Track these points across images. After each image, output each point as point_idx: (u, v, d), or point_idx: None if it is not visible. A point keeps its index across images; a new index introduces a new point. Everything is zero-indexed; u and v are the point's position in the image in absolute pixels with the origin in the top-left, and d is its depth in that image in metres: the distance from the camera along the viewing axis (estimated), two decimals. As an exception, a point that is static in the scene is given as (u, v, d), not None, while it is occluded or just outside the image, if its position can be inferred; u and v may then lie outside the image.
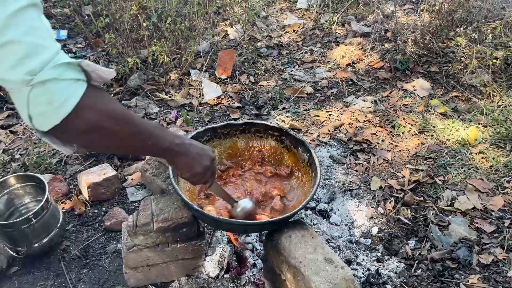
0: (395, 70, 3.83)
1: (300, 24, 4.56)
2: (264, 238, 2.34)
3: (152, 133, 1.34)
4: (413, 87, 3.65)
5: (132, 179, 2.81)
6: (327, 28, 4.45)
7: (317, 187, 1.99)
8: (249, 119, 2.79)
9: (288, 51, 4.22)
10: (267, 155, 2.37)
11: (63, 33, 4.41)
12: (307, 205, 2.34)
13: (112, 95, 3.51)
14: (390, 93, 3.61)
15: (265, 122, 2.35)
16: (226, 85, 3.73)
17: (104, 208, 2.64)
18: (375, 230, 2.53)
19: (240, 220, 1.84)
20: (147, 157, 2.65)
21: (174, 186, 1.92)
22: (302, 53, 4.17)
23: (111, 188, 2.68)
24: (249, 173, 2.31)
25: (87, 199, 2.65)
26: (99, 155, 2.98)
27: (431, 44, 3.86)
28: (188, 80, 3.74)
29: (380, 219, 2.60)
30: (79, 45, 4.28)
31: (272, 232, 2.00)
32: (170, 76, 3.73)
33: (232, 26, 4.37)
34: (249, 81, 3.79)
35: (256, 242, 2.36)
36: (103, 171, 2.69)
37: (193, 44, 3.58)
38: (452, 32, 3.81)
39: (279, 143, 2.36)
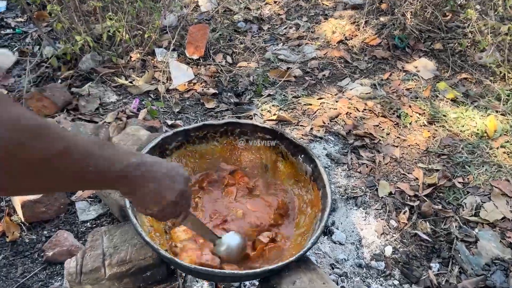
0: (393, 48, 3.32)
1: (282, -6, 3.98)
2: (257, 284, 1.84)
3: (93, 153, 0.83)
4: (416, 67, 3.15)
5: (82, 191, 2.22)
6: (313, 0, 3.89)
7: (328, 214, 1.47)
8: (232, 117, 2.23)
9: (269, 26, 3.63)
10: (252, 166, 1.84)
11: (1, 5, 3.68)
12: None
13: (60, 80, 2.87)
14: (390, 75, 3.10)
15: (253, 122, 1.80)
16: (199, 67, 3.14)
17: (45, 232, 2.06)
18: (388, 250, 2.06)
19: (230, 271, 1.31)
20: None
21: (132, 220, 1.37)
22: (286, 28, 3.59)
23: (55, 205, 2.09)
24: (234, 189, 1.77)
25: (23, 220, 2.06)
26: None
27: (434, 17, 3.36)
28: (152, 62, 3.13)
29: (394, 235, 2.13)
30: (20, 19, 3.57)
31: (268, 277, 1.49)
32: (130, 57, 3.10)
33: (203, -4, 3.74)
34: (226, 61, 3.21)
35: (244, 286, 1.84)
36: (44, 184, 2.09)
37: (157, 17, 2.95)
38: (459, 1, 3.30)
39: (272, 148, 1.82)
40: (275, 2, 3.90)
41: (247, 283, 1.81)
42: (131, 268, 1.49)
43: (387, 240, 2.11)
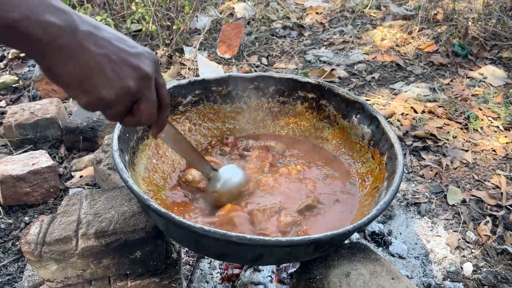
0: (453, 55, 2.89)
1: (325, 7, 3.67)
2: (289, 275, 1.35)
3: None
4: (482, 75, 2.70)
5: (81, 176, 1.82)
6: (359, 10, 3.56)
7: (400, 176, 1.01)
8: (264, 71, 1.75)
9: (311, 33, 3.30)
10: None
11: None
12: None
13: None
14: (452, 80, 2.65)
15: (292, 76, 1.39)
16: (230, 66, 2.80)
17: (26, 218, 1.65)
18: (468, 268, 1.52)
19: (252, 236, 0.84)
20: (104, 143, 1.69)
21: (115, 160, 0.95)
22: (329, 34, 3.24)
23: (43, 187, 1.70)
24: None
25: (1, 201, 1.66)
26: (38, 142, 2.01)
27: (501, 24, 2.94)
28: (180, 59, 2.81)
29: (473, 251, 1.60)
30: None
31: (308, 264, 1.02)
32: (156, 53, 2.80)
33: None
34: (261, 63, 2.85)
35: (271, 282, 1.35)
36: (33, 160, 1.71)
37: (188, 8, 2.67)
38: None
39: (316, 112, 1.39)
40: (317, 13, 3.60)
41: (272, 279, 1.32)
42: (113, 241, 1.05)
43: (464, 256, 1.58)
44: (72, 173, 1.86)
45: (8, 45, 0.63)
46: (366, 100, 2.46)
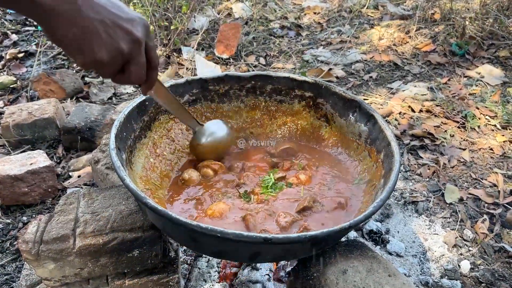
0: (451, 54, 2.90)
1: (323, 7, 3.68)
2: (287, 274, 1.36)
3: None
4: (479, 74, 2.71)
5: (78, 176, 1.83)
6: (357, 10, 3.56)
7: (397, 174, 1.01)
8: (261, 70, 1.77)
9: (308, 33, 3.30)
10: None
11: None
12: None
13: (75, 71, 2.58)
14: (449, 80, 2.66)
15: (289, 75, 1.39)
16: (228, 66, 2.81)
17: (24, 218, 1.65)
18: (465, 266, 1.53)
19: (248, 233, 0.84)
20: (102, 142, 1.69)
21: (112, 158, 0.95)
22: (327, 33, 3.25)
23: (41, 187, 1.70)
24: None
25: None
26: (36, 143, 2.01)
27: (498, 23, 2.95)
28: (178, 59, 2.82)
29: (470, 249, 1.60)
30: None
31: (305, 261, 1.02)
32: (154, 53, 2.79)
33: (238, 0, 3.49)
34: (259, 63, 2.86)
35: (269, 280, 1.36)
36: (31, 160, 1.71)
37: (186, 9, 2.67)
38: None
39: (313, 111, 1.40)
40: (314, 13, 3.60)
41: (270, 277, 1.32)
42: (111, 240, 1.05)
43: (461, 254, 1.59)
44: (70, 173, 1.86)
45: (16, 8, 0.70)
46: (364, 99, 2.46)
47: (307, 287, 0.98)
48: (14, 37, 3.05)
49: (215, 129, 1.24)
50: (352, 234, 1.63)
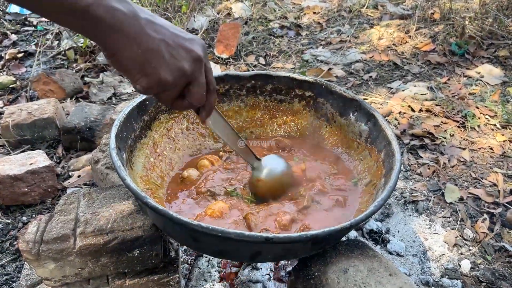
0: (450, 54, 2.90)
1: (322, 6, 3.68)
2: (287, 273, 1.36)
3: None
4: (479, 73, 2.71)
5: (78, 176, 1.82)
6: (356, 10, 3.56)
7: (398, 173, 1.01)
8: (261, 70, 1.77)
9: (308, 32, 3.30)
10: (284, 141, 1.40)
11: (28, 8, 3.52)
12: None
13: (75, 71, 2.57)
14: (449, 79, 2.66)
15: (290, 75, 1.39)
16: (228, 66, 2.80)
17: (24, 218, 1.65)
18: (466, 266, 1.53)
19: (249, 232, 0.84)
20: (102, 142, 1.69)
21: (113, 158, 0.95)
22: (327, 33, 3.25)
23: (41, 187, 1.70)
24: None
25: (-1, 201, 1.66)
26: (36, 143, 2.01)
27: (498, 23, 2.95)
28: (177, 59, 2.81)
29: (470, 248, 1.60)
30: (44, 19, 3.38)
31: (306, 261, 1.02)
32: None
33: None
34: (258, 63, 2.86)
35: (269, 280, 1.35)
36: (31, 160, 1.71)
37: (186, 8, 2.67)
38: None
39: (313, 110, 1.39)
40: (314, 12, 3.60)
41: (271, 277, 1.32)
42: (111, 240, 1.05)
43: (461, 253, 1.59)
44: (70, 173, 1.86)
45: (78, 30, 0.69)
46: (364, 99, 2.46)
47: (308, 286, 0.98)
48: (14, 37, 3.05)
49: (274, 164, 1.15)
50: (353, 234, 1.63)
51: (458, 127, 2.21)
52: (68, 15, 0.65)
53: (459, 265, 1.54)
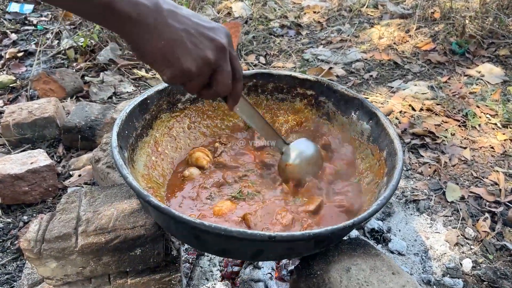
0: (451, 53, 2.90)
1: (322, 6, 3.68)
2: (289, 273, 1.36)
3: None
4: (479, 72, 2.71)
5: (79, 175, 1.82)
6: (356, 9, 3.56)
7: (400, 171, 1.01)
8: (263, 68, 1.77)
9: (308, 32, 3.30)
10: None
11: (28, 7, 3.52)
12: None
13: (75, 70, 2.57)
14: (449, 78, 2.66)
15: (291, 73, 1.39)
16: (228, 65, 2.79)
17: (25, 217, 1.65)
18: (467, 264, 1.53)
19: (252, 231, 0.84)
20: (103, 141, 1.69)
21: (115, 156, 0.95)
22: (327, 32, 3.25)
23: (41, 186, 1.69)
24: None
25: (0, 200, 1.66)
26: (36, 142, 2.00)
27: (498, 22, 2.95)
28: (178, 58, 2.80)
29: (472, 247, 1.60)
30: (44, 18, 3.38)
31: (308, 260, 1.02)
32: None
33: None
34: (259, 62, 2.85)
35: (271, 279, 1.35)
36: (31, 159, 1.71)
37: (186, 7, 2.66)
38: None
39: (315, 109, 1.39)
40: (314, 12, 3.60)
41: (272, 276, 1.32)
42: (113, 239, 1.05)
43: (463, 252, 1.58)
44: (71, 172, 1.85)
45: (103, 23, 0.71)
46: (365, 97, 2.46)
47: (311, 285, 0.98)
48: (14, 36, 3.05)
49: (303, 148, 1.15)
50: (354, 233, 1.63)
51: (459, 126, 2.21)
52: (92, 9, 0.67)
53: (461, 264, 1.54)
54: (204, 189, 1.18)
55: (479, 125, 2.22)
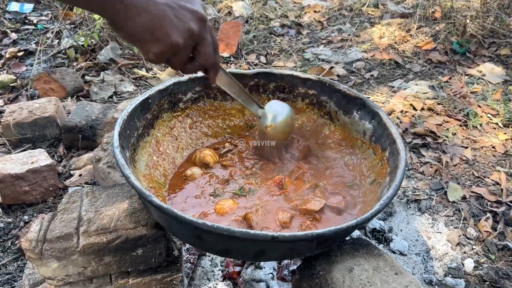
0: (452, 53, 2.90)
1: (323, 5, 3.67)
2: (290, 273, 1.35)
3: None
4: (480, 72, 2.70)
5: (80, 175, 1.82)
6: (357, 9, 3.56)
7: (403, 171, 1.01)
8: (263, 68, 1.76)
9: (309, 31, 3.30)
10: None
11: (28, 7, 3.52)
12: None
13: (75, 70, 2.56)
14: (450, 78, 2.66)
15: (293, 73, 1.38)
16: (229, 64, 2.80)
17: (25, 217, 1.64)
18: (469, 264, 1.52)
19: (255, 231, 0.83)
20: (103, 141, 1.69)
21: (116, 156, 0.94)
22: (328, 32, 3.24)
23: (42, 186, 1.69)
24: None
25: (0, 200, 1.65)
26: (37, 141, 2.00)
27: (499, 21, 2.95)
28: (178, 58, 2.80)
29: (474, 247, 1.60)
30: (44, 18, 3.37)
31: (310, 260, 1.02)
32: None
33: None
34: (259, 61, 2.85)
35: (272, 279, 1.35)
36: (32, 159, 1.70)
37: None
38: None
39: (316, 108, 1.39)
40: (315, 11, 3.60)
41: (274, 276, 1.32)
42: (115, 239, 1.04)
43: (465, 252, 1.58)
44: (71, 172, 1.85)
45: (86, 4, 0.73)
46: (367, 96, 2.45)
47: (313, 285, 0.98)
48: (14, 35, 3.04)
49: (277, 108, 1.21)
50: (355, 233, 1.62)
51: (460, 125, 2.21)
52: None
53: (463, 264, 1.53)
54: (209, 186, 1.18)
55: (480, 124, 2.22)
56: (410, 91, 2.47)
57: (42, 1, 3.47)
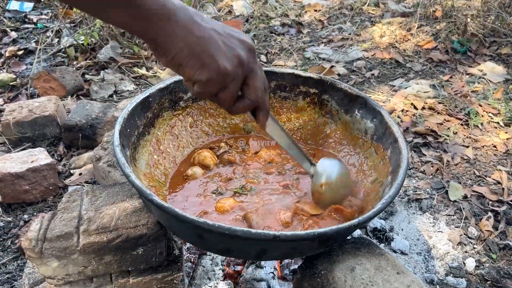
0: (452, 52, 2.89)
1: (323, 4, 3.66)
2: (291, 272, 1.35)
3: None
4: (481, 71, 2.70)
5: (80, 174, 1.81)
6: (358, 8, 3.55)
7: (405, 170, 1.00)
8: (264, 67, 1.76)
9: (309, 30, 3.29)
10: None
11: (28, 5, 3.51)
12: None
13: (75, 69, 2.56)
14: (451, 77, 2.65)
15: (294, 71, 1.38)
16: (229, 63, 2.78)
17: (25, 216, 1.64)
18: (470, 264, 1.52)
19: (257, 230, 0.83)
20: (104, 140, 1.68)
21: (117, 155, 0.94)
22: (328, 31, 3.24)
23: (42, 185, 1.69)
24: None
25: (0, 199, 1.65)
26: (36, 140, 1.99)
27: (500, 20, 2.94)
28: (178, 56, 2.79)
29: (475, 246, 1.59)
30: (44, 17, 3.37)
31: (312, 259, 1.01)
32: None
33: None
34: (260, 60, 2.84)
35: (273, 278, 1.34)
36: (32, 158, 1.70)
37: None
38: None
39: (318, 107, 1.38)
40: (315, 10, 3.59)
41: (275, 275, 1.31)
42: (115, 238, 1.04)
43: (466, 251, 1.58)
44: (71, 171, 1.84)
45: (128, 25, 0.68)
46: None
47: (315, 284, 0.97)
48: (14, 34, 3.03)
49: (330, 166, 1.09)
50: (356, 232, 1.62)
51: (461, 125, 2.20)
52: (120, 9, 0.65)
53: (464, 263, 1.53)
54: (212, 183, 1.18)
55: (482, 123, 2.22)
56: (411, 90, 2.47)
57: (42, 0, 3.46)
